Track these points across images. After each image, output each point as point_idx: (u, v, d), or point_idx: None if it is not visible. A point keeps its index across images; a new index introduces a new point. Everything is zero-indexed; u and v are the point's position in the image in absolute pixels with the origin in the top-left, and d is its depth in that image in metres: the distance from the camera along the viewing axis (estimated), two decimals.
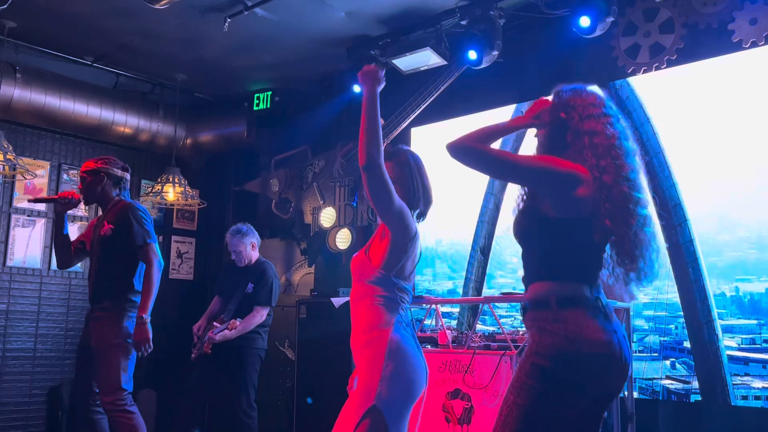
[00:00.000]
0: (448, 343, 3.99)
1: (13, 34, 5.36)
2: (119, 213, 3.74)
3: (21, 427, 5.81)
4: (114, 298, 3.67)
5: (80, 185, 3.88)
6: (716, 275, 4.08)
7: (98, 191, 3.83)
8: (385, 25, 5.17)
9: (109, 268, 3.71)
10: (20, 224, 6.01)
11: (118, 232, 3.70)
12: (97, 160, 3.88)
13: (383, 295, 2.41)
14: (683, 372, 4.11)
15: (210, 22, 5.07)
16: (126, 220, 3.69)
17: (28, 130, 6.05)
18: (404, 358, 2.31)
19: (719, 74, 4.20)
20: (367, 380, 2.28)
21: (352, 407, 2.30)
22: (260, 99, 6.39)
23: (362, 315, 2.42)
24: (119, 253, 3.71)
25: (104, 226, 3.74)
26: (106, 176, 3.83)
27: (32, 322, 6.00)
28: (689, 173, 4.23)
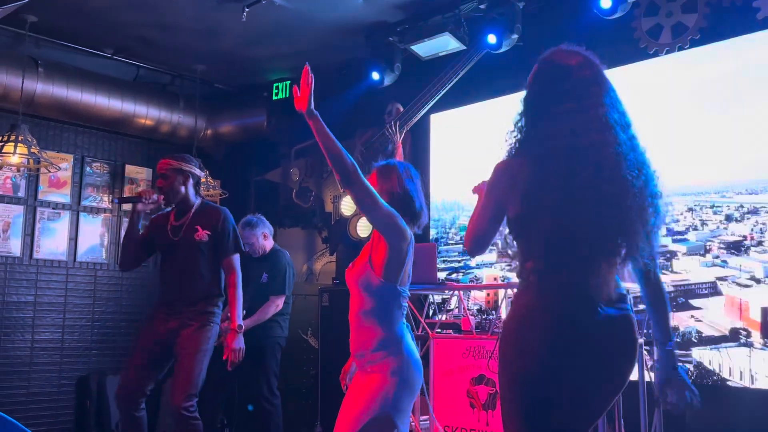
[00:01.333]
0: (471, 329, 3.98)
1: (35, 28, 5.40)
2: (214, 219, 3.71)
3: (51, 417, 5.91)
4: (206, 303, 3.66)
5: (161, 183, 3.73)
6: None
7: (182, 192, 3.72)
8: (403, 11, 5.14)
9: (201, 273, 3.68)
10: (45, 217, 6.09)
11: (213, 239, 3.69)
12: (177, 159, 3.76)
13: (389, 309, 2.50)
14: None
15: (228, 12, 5.08)
16: (224, 228, 3.71)
17: (51, 123, 6.12)
18: (413, 371, 2.47)
19: (745, 53, 4.13)
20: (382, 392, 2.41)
21: (358, 410, 2.41)
22: (279, 88, 6.39)
23: (371, 331, 2.50)
24: (210, 259, 3.70)
25: (198, 230, 3.68)
26: (190, 176, 3.75)
27: (59, 313, 6.09)
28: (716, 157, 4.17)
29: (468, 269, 5.41)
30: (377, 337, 2.48)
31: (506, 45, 4.69)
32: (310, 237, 6.58)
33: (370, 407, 2.39)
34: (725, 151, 4.16)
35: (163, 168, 3.72)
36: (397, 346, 2.47)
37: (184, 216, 3.74)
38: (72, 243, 6.23)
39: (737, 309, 3.94)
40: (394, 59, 5.30)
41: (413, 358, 2.49)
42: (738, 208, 4.09)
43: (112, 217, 6.51)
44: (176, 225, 3.73)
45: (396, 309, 2.52)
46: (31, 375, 5.86)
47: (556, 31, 4.88)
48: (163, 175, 3.71)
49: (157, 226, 3.80)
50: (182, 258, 3.69)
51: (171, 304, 3.65)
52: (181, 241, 3.69)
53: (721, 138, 4.17)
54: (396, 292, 2.51)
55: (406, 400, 2.45)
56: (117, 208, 6.53)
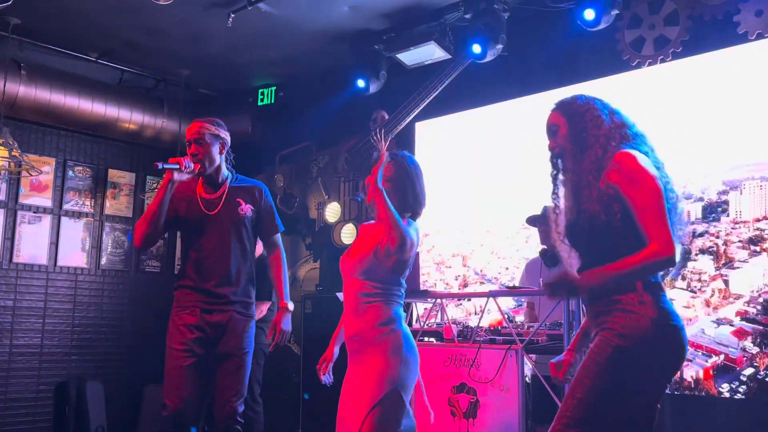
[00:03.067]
0: (453, 337, 3.98)
1: (18, 30, 5.36)
2: (256, 193, 3.31)
3: (29, 423, 5.84)
4: (252, 288, 3.26)
5: (196, 150, 3.21)
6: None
7: (218, 161, 3.27)
8: (389, 20, 5.16)
9: (247, 253, 3.25)
10: (26, 221, 6.03)
11: (257, 216, 3.29)
12: (213, 123, 3.29)
13: (391, 293, 2.72)
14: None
15: (214, 18, 5.07)
16: (268, 203, 3.34)
17: (33, 126, 6.07)
18: (411, 348, 2.68)
19: (724, 67, 4.18)
20: (388, 371, 2.58)
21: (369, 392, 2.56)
22: (264, 94, 6.39)
23: (372, 311, 2.69)
24: (249, 238, 3.27)
25: (240, 204, 3.24)
26: (225, 143, 3.31)
27: (39, 318, 6.03)
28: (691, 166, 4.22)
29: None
30: (377, 318, 2.67)
31: (491, 55, 4.72)
32: (295, 243, 6.57)
33: (376, 387, 2.56)
34: (705, 163, 4.21)
35: (200, 132, 3.22)
36: (395, 325, 2.67)
37: (218, 188, 3.26)
38: (53, 247, 6.17)
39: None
40: (379, 67, 5.32)
41: (409, 338, 2.71)
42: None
43: (94, 221, 6.46)
44: (209, 198, 3.24)
45: (396, 291, 2.74)
46: (9, 380, 5.79)
47: (541, 42, 4.93)
48: (199, 141, 3.21)
49: (183, 199, 3.25)
50: (221, 235, 3.18)
51: (214, 291, 3.13)
52: (218, 215, 3.20)
53: (701, 150, 4.22)
54: (399, 281, 2.75)
55: (410, 376, 2.64)
56: (99, 213, 6.48)
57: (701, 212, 4.20)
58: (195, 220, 3.22)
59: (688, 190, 4.26)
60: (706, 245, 4.13)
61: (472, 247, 5.38)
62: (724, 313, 3.98)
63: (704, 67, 4.27)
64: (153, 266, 6.84)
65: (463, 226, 5.36)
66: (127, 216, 6.69)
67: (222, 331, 3.10)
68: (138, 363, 6.49)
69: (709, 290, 4.07)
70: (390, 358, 2.60)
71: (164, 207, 3.14)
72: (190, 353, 3.06)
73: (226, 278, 3.14)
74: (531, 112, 4.99)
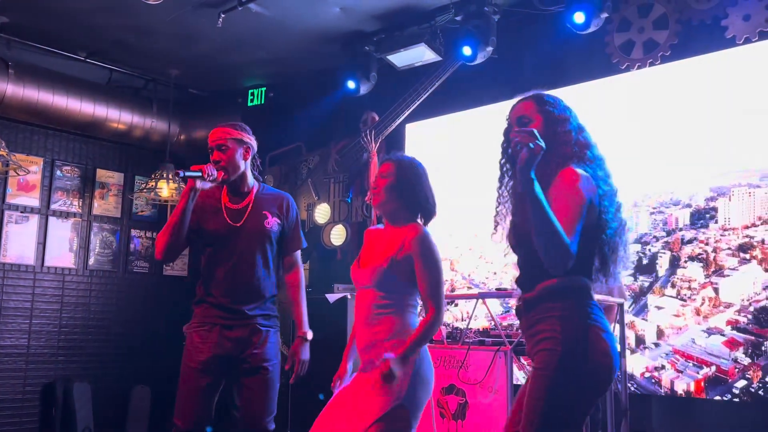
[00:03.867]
0: (442, 338, 3.99)
1: (6, 29, 5.33)
2: (281, 205, 3.16)
3: (15, 424, 5.79)
4: (274, 304, 3.11)
5: (219, 157, 3.07)
6: None
7: (242, 168, 3.11)
8: (380, 21, 5.16)
9: (270, 267, 3.09)
10: (13, 220, 5.99)
11: (282, 229, 3.13)
12: (237, 128, 3.14)
13: (406, 303, 2.55)
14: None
15: (204, 18, 5.05)
16: (293, 216, 3.18)
17: (21, 126, 6.03)
18: (427, 362, 2.49)
19: (713, 71, 4.22)
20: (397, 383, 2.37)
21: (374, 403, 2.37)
22: (254, 95, 6.38)
23: (387, 322, 2.51)
24: (274, 252, 3.12)
25: (266, 216, 3.08)
26: (251, 149, 3.16)
27: (25, 318, 5.98)
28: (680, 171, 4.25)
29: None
30: (391, 329, 2.49)
31: (481, 57, 4.73)
32: None
33: (384, 400, 2.36)
34: (692, 169, 4.23)
35: (222, 138, 3.07)
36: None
37: (243, 198, 3.11)
38: (40, 247, 6.13)
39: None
40: (370, 69, 5.32)
41: (425, 352, 2.51)
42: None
43: (82, 221, 6.42)
44: (235, 208, 3.08)
45: (411, 302, 2.58)
46: None
47: (531, 44, 4.95)
48: (221, 147, 3.06)
49: (205, 209, 3.10)
50: (247, 248, 3.03)
51: (234, 307, 2.98)
52: (244, 228, 3.04)
53: (689, 155, 4.25)
54: (414, 290, 2.57)
55: (421, 393, 2.43)
56: (87, 213, 6.45)
57: (689, 218, 4.21)
58: (219, 231, 3.05)
59: (675, 196, 4.29)
60: (695, 252, 4.14)
61: (461, 251, 5.38)
62: (715, 322, 3.98)
63: (693, 70, 4.30)
64: (141, 267, 6.81)
65: (451, 229, 5.36)
66: (115, 216, 6.66)
67: (245, 345, 2.95)
68: (125, 364, 6.46)
69: (699, 298, 4.07)
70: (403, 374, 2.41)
71: (186, 217, 2.99)
72: (206, 373, 2.92)
73: (248, 294, 3.00)
74: None
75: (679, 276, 4.17)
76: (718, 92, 4.16)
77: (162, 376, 6.37)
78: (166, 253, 3.05)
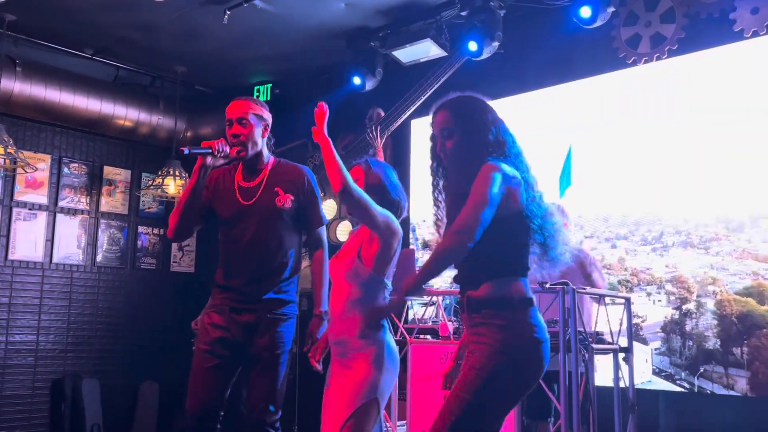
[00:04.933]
0: (449, 334, 3.99)
1: (13, 27, 5.35)
2: (297, 180, 2.99)
3: (24, 420, 5.83)
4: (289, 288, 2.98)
5: (239, 130, 2.94)
6: None
7: (260, 143, 2.97)
8: (385, 17, 5.15)
9: (285, 248, 2.95)
10: (21, 218, 6.02)
11: (297, 204, 2.97)
12: (257, 102, 3.01)
13: (375, 295, 2.65)
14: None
15: (210, 15, 5.06)
16: (311, 191, 3.00)
17: (28, 123, 6.06)
18: (393, 358, 2.64)
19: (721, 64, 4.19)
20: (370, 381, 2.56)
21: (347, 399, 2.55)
22: (260, 91, 6.38)
23: (354, 314, 2.62)
24: (293, 231, 3.00)
25: (279, 193, 2.94)
26: (268, 126, 3.03)
27: (34, 315, 6.02)
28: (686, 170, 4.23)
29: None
30: (359, 326, 2.60)
31: (487, 52, 4.72)
32: None
33: (357, 395, 2.54)
34: (700, 161, 4.21)
35: (243, 111, 2.94)
36: (378, 335, 2.62)
37: (257, 175, 2.99)
38: (48, 244, 6.16)
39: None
40: (375, 64, 5.31)
41: (392, 347, 2.66)
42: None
43: (89, 218, 6.45)
44: (247, 186, 2.97)
45: (381, 294, 2.67)
46: (4, 377, 5.78)
47: (536, 39, 4.94)
48: (242, 121, 2.93)
49: (219, 187, 3.02)
50: (258, 229, 2.91)
51: (243, 290, 2.88)
52: (255, 206, 2.92)
53: (697, 147, 4.23)
54: (382, 284, 2.67)
55: (390, 384, 2.63)
56: (95, 210, 6.47)
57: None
58: (231, 210, 2.95)
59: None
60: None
61: None
62: None
63: (700, 64, 4.28)
64: (149, 263, 6.83)
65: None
66: (122, 213, 6.68)
67: (252, 331, 2.84)
68: (134, 360, 6.49)
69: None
70: (373, 368, 2.58)
71: (195, 196, 2.91)
72: (213, 354, 2.83)
73: (257, 277, 2.88)
74: (527, 109, 4.99)
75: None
76: (726, 85, 4.14)
77: (170, 372, 6.40)
78: (176, 232, 2.99)
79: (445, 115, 2.37)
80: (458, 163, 2.28)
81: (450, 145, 2.31)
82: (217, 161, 2.90)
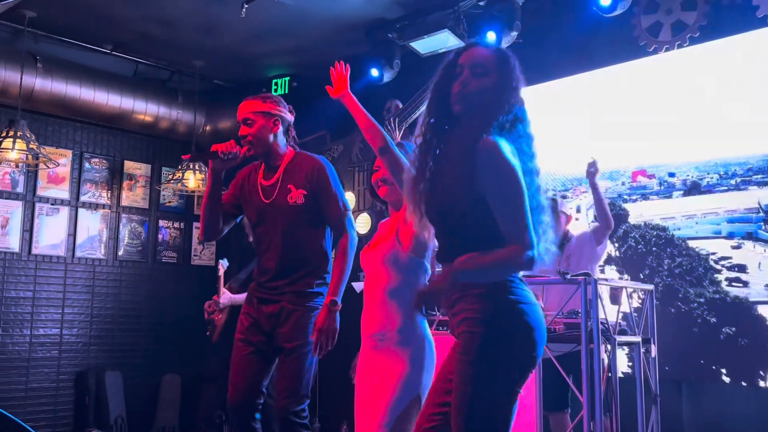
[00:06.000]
0: None
1: (33, 24, 5.40)
2: (308, 172, 3.00)
3: (49, 412, 5.92)
4: (312, 281, 2.97)
5: (245, 131, 3.01)
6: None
7: (270, 141, 3.02)
8: (403, 8, 5.13)
9: (304, 242, 2.98)
10: (44, 213, 6.09)
11: (312, 197, 2.97)
12: (265, 99, 3.06)
13: (416, 282, 2.56)
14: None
15: (227, 8, 5.07)
16: (321, 179, 2.99)
17: (50, 119, 6.11)
18: (431, 348, 2.56)
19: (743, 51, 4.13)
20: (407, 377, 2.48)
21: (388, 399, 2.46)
22: (278, 84, 6.39)
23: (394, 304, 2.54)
24: (313, 223, 3.00)
25: (291, 190, 2.97)
26: (280, 121, 3.06)
27: (58, 308, 6.09)
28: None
29: None
30: (401, 317, 2.53)
31: (505, 42, 4.68)
32: None
33: (400, 396, 2.47)
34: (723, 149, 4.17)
35: (246, 112, 3.01)
36: (418, 328, 2.56)
37: (275, 172, 3.04)
38: (70, 238, 6.22)
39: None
40: (393, 56, 5.29)
41: (431, 343, 2.60)
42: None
43: (111, 213, 6.51)
44: (267, 184, 3.03)
45: (422, 279, 2.60)
46: (29, 370, 5.86)
47: (556, 28, 4.89)
48: (247, 121, 3.01)
49: (246, 186, 3.10)
50: (278, 225, 2.98)
51: (268, 284, 2.97)
52: (274, 205, 2.98)
53: (718, 135, 4.18)
54: (423, 267, 2.59)
55: (428, 377, 2.53)
56: (116, 204, 6.53)
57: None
58: (255, 210, 3.04)
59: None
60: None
61: None
62: None
63: (723, 52, 4.22)
64: (170, 257, 6.88)
65: None
66: (143, 207, 6.73)
67: (275, 322, 2.92)
68: (156, 353, 6.55)
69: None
70: (413, 366, 2.50)
71: (213, 199, 3.00)
72: (247, 343, 2.94)
73: (277, 272, 2.96)
74: (546, 99, 4.95)
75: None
76: (749, 73, 4.08)
77: (192, 364, 6.46)
78: (205, 234, 3.11)
79: (486, 53, 2.12)
80: (474, 110, 2.02)
81: (475, 86, 2.04)
82: (227, 164, 2.98)
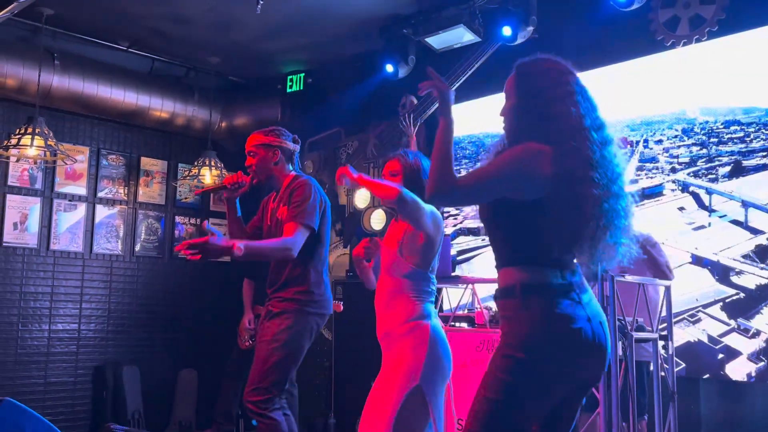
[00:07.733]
0: (485, 322, 3.98)
1: (51, 21, 5.44)
2: (288, 190, 3.35)
3: (68, 406, 5.98)
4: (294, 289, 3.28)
5: (249, 162, 3.42)
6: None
7: (271, 168, 3.41)
8: (417, 3, 5.11)
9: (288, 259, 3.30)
10: (62, 209, 6.14)
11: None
12: (267, 133, 3.43)
13: (419, 289, 2.69)
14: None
15: (243, 5, 5.08)
16: (289, 196, 3.31)
17: (67, 116, 6.16)
18: (442, 346, 2.64)
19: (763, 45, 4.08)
20: (410, 364, 2.54)
21: (391, 387, 2.53)
22: (293, 81, 6.40)
23: (400, 307, 2.67)
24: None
25: (280, 209, 3.35)
26: (280, 151, 3.41)
27: (76, 303, 6.15)
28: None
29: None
30: (404, 314, 2.64)
31: (521, 37, 4.66)
32: None
33: (400, 383, 2.52)
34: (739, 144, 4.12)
35: (250, 145, 3.41)
36: (423, 321, 2.63)
37: (278, 196, 3.44)
38: (88, 235, 6.28)
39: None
40: (408, 52, 5.28)
41: (439, 333, 2.64)
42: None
43: (127, 209, 6.55)
44: (272, 207, 3.45)
45: (425, 288, 2.70)
46: (48, 365, 5.93)
47: (572, 23, 4.85)
48: (250, 153, 3.41)
49: (264, 209, 3.53)
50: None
51: (266, 293, 3.42)
52: (272, 222, 3.40)
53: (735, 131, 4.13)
54: (426, 276, 2.71)
55: (436, 372, 2.56)
56: (132, 201, 6.57)
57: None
58: (265, 228, 3.47)
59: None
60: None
61: None
62: None
63: (741, 46, 4.17)
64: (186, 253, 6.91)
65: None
66: (159, 203, 6.77)
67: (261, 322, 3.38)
68: (172, 348, 6.60)
69: None
70: (412, 351, 2.56)
71: (233, 225, 3.48)
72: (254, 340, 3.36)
73: (270, 282, 3.38)
74: None
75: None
76: None
77: (208, 359, 6.49)
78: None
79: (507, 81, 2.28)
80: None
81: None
82: (236, 194, 3.42)
